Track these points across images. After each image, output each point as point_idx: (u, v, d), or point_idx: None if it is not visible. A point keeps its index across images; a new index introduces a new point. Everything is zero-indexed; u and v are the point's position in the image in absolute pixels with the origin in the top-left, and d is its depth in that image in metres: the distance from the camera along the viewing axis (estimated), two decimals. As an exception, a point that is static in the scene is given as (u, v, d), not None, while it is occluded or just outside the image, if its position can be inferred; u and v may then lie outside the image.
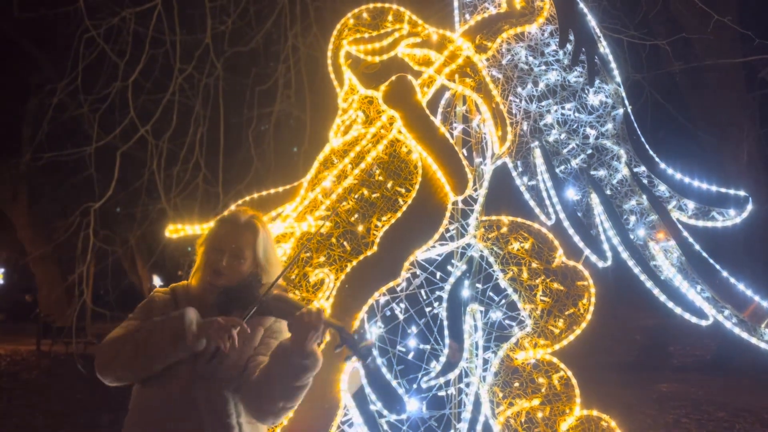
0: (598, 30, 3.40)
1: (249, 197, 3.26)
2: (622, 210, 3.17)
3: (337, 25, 3.41)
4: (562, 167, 3.22)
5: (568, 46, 3.27)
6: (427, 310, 3.07)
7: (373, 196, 3.03)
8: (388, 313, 3.07)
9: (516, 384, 2.93)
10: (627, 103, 3.30)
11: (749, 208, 3.08)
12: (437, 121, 3.22)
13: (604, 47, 3.38)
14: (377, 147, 3.10)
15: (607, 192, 3.18)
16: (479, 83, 3.19)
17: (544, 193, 3.17)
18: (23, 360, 12.85)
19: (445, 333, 3.01)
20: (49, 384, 10.59)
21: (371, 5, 3.39)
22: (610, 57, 3.37)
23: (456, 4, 3.55)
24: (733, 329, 3.00)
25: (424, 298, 3.09)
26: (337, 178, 3.09)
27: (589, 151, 3.24)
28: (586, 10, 3.36)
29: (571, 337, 2.97)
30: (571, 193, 3.17)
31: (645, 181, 3.21)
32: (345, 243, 2.95)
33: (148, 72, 7.64)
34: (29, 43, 13.45)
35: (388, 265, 2.91)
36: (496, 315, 3.10)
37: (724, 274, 3.01)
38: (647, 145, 3.25)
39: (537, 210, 3.21)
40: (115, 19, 6.93)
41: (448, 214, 3.02)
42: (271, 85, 7.98)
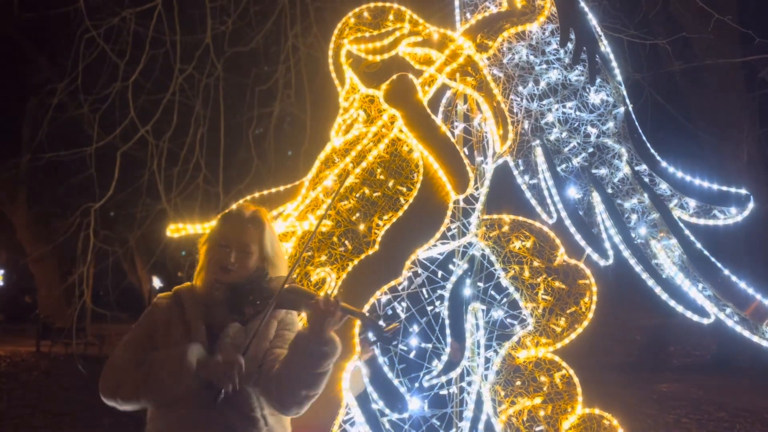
0: (598, 29, 3.40)
1: (250, 196, 3.26)
2: (624, 208, 3.17)
3: (338, 24, 3.41)
4: (564, 166, 3.22)
5: (569, 45, 3.27)
6: (429, 308, 3.07)
7: (375, 195, 3.02)
8: (389, 312, 3.06)
9: (518, 382, 2.92)
10: (628, 101, 3.30)
11: (751, 206, 3.07)
12: (438, 120, 3.22)
13: (605, 46, 3.38)
14: (378, 146, 3.10)
15: (609, 190, 3.17)
16: (480, 82, 3.19)
17: (546, 192, 3.17)
18: (23, 361, 12.83)
19: (447, 332, 3.01)
20: (49, 385, 10.58)
21: (372, 4, 3.39)
22: (611, 56, 3.36)
23: (457, 3, 3.54)
24: (734, 328, 2.99)
25: (426, 296, 3.09)
26: (338, 177, 3.09)
27: (591, 149, 3.23)
28: (586, 9, 3.35)
29: (573, 336, 2.96)
30: (573, 192, 3.17)
31: (646, 179, 3.20)
32: (346, 242, 2.95)
33: (149, 72, 7.65)
34: (29, 43, 13.44)
35: (389, 264, 2.91)
36: (498, 314, 3.10)
37: (726, 272, 3.00)
38: (648, 144, 3.24)
39: (538, 209, 3.20)
40: (116, 19, 6.93)
41: (449, 213, 3.01)
42: (271, 85, 7.98)
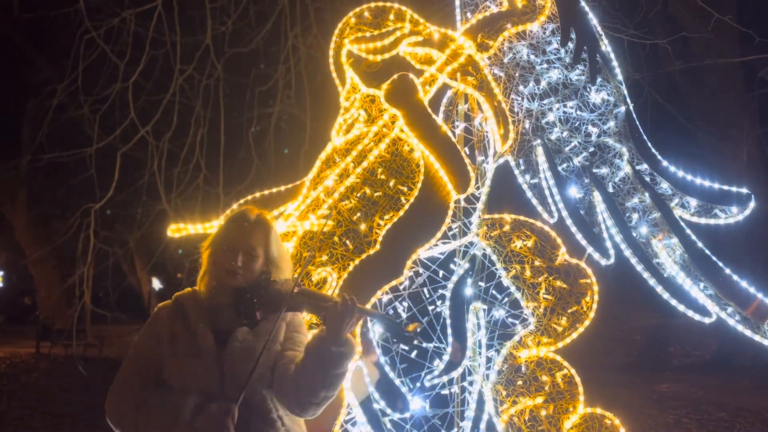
0: (599, 28, 3.40)
1: (251, 196, 3.26)
2: (625, 207, 3.16)
3: (339, 24, 3.41)
4: (564, 165, 3.21)
5: (570, 44, 3.27)
6: (430, 308, 3.06)
7: (376, 194, 3.02)
8: (390, 312, 3.06)
9: (519, 382, 2.92)
10: (629, 100, 3.30)
11: (752, 205, 3.07)
12: (439, 119, 3.22)
13: (605, 45, 3.38)
14: (379, 146, 3.10)
15: (610, 190, 3.17)
16: (481, 81, 3.19)
17: (547, 191, 3.17)
18: (22, 362, 12.82)
19: (448, 331, 3.01)
20: (49, 386, 10.56)
21: (373, 4, 3.39)
22: (612, 55, 3.36)
23: (457, 3, 3.54)
24: (736, 327, 2.99)
25: (427, 296, 3.09)
26: (339, 176, 3.08)
27: (591, 149, 3.23)
28: (587, 9, 3.36)
29: (575, 335, 2.96)
30: (574, 191, 3.17)
31: (647, 178, 3.20)
32: (347, 242, 2.94)
33: (149, 73, 7.65)
34: (29, 43, 13.43)
35: (390, 264, 2.91)
36: (499, 313, 3.09)
37: (727, 271, 3.00)
38: (649, 143, 3.24)
39: (539, 208, 3.20)
40: (116, 20, 6.93)
41: (450, 213, 3.01)
42: (271, 85, 7.98)
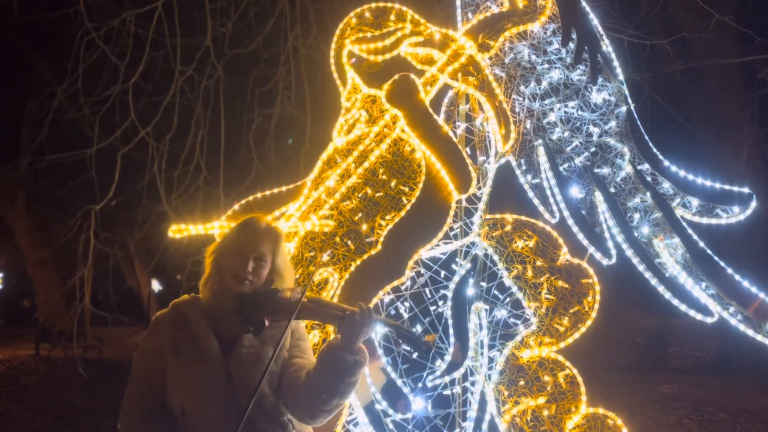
0: (600, 28, 3.40)
1: (252, 197, 3.25)
2: (626, 207, 3.16)
3: (340, 25, 3.41)
4: (566, 165, 3.21)
5: (571, 45, 3.27)
6: (432, 308, 3.06)
7: (377, 195, 3.02)
8: (392, 312, 3.06)
9: (521, 382, 2.92)
10: (630, 100, 3.30)
11: (753, 205, 3.07)
12: (440, 119, 3.22)
13: (606, 45, 3.38)
14: (381, 146, 3.10)
15: (611, 189, 3.17)
16: (482, 82, 3.19)
17: (548, 191, 3.16)
18: (22, 364, 12.80)
19: (450, 332, 3.00)
20: (48, 388, 10.55)
21: (374, 4, 3.39)
22: (613, 55, 3.36)
23: (458, 3, 3.54)
24: (738, 326, 2.98)
25: (429, 296, 3.09)
26: (340, 177, 3.08)
27: (593, 148, 3.23)
28: (588, 9, 3.36)
29: (577, 335, 2.96)
30: (575, 191, 3.16)
31: (649, 178, 3.20)
32: (349, 242, 2.94)
33: (149, 74, 7.64)
34: (29, 45, 13.43)
35: (392, 264, 2.91)
36: (501, 313, 3.09)
37: (729, 270, 3.00)
38: (651, 143, 3.24)
39: (541, 208, 3.20)
40: (116, 21, 6.93)
41: (452, 213, 3.01)
42: (271, 87, 7.98)
